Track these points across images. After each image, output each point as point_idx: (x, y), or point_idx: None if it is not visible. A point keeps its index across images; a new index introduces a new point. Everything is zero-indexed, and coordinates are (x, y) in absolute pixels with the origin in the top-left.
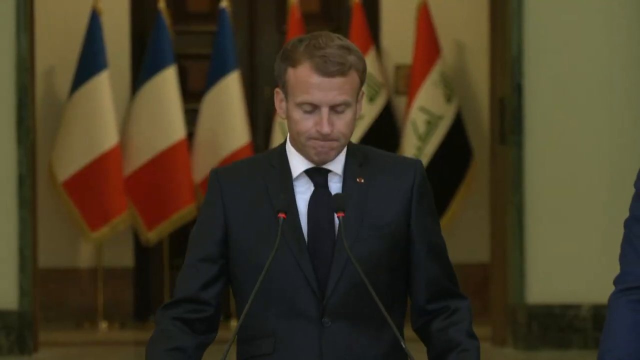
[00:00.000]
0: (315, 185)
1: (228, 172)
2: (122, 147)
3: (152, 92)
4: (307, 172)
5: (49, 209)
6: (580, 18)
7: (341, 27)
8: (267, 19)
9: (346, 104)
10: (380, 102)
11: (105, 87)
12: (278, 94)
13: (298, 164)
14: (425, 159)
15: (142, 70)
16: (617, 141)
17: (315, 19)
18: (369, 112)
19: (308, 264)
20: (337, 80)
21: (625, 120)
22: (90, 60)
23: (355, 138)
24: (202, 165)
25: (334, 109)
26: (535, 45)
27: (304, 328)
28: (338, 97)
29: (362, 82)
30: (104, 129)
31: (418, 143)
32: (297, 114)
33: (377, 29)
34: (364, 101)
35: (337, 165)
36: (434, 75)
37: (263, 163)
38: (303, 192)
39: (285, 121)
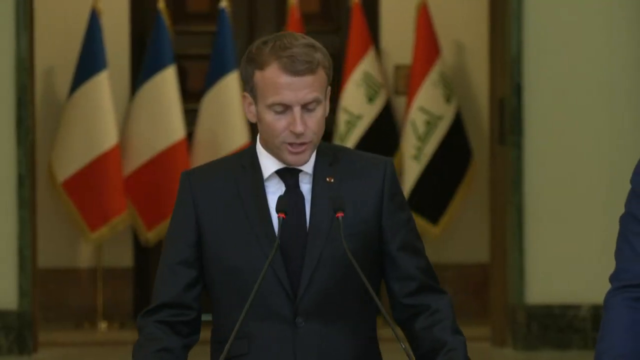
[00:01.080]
0: (286, 186)
1: (199, 173)
2: (121, 147)
3: (151, 92)
4: (278, 173)
5: (49, 209)
6: (580, 18)
7: (341, 27)
8: (267, 19)
9: (317, 102)
10: (379, 102)
11: (104, 87)
12: (246, 98)
13: (269, 164)
14: (424, 159)
15: (142, 70)
16: (617, 141)
17: (315, 19)
18: (369, 112)
19: (280, 264)
20: (307, 79)
21: (625, 120)
22: (90, 60)
23: (354, 138)
24: None
25: (305, 107)
26: (535, 45)
27: (278, 329)
28: (309, 95)
29: (329, 79)
30: (103, 129)
31: (417, 143)
32: (268, 116)
33: (377, 29)
34: (364, 101)
35: (307, 165)
36: (433, 76)
37: (234, 164)
38: (274, 193)
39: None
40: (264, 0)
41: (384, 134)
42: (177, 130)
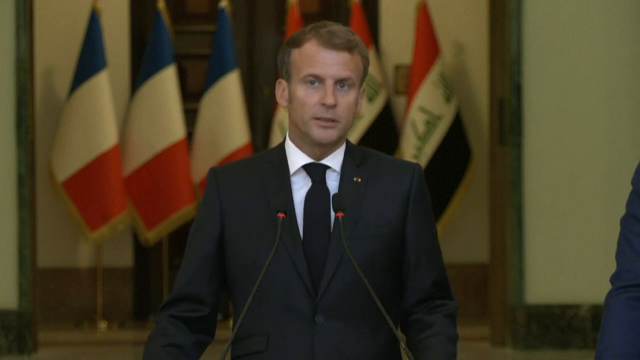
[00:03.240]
0: (312, 181)
1: (226, 170)
2: (121, 147)
3: (151, 92)
4: (305, 168)
5: (49, 209)
6: (580, 18)
7: None
8: (267, 19)
9: (351, 82)
10: (379, 102)
11: (104, 87)
12: (280, 84)
13: (297, 159)
14: (424, 159)
15: (142, 70)
16: (617, 141)
17: (315, 19)
18: (369, 112)
19: (302, 261)
20: (343, 55)
21: (625, 120)
22: (90, 60)
23: (354, 138)
24: (201, 165)
25: (339, 83)
26: (534, 45)
27: (297, 326)
28: (343, 72)
29: (365, 72)
30: (103, 129)
31: (417, 143)
32: (301, 90)
33: (377, 29)
34: (364, 101)
35: (335, 162)
36: (433, 75)
37: (261, 161)
38: (300, 188)
39: (285, 120)
40: (264, 0)
41: (383, 133)
42: (177, 130)
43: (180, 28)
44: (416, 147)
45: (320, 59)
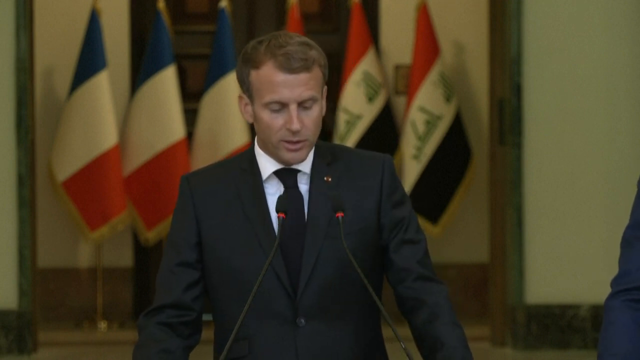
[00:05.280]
0: (285, 186)
1: (198, 177)
2: (121, 147)
3: (151, 92)
4: (277, 173)
5: (49, 209)
6: (580, 18)
7: (340, 27)
8: (267, 19)
9: (313, 100)
10: (379, 102)
11: (104, 87)
12: (242, 99)
13: (267, 165)
14: (424, 159)
15: (142, 70)
16: (617, 142)
17: (315, 19)
18: (369, 112)
19: (281, 264)
20: (302, 76)
21: (625, 120)
22: (90, 60)
23: (354, 138)
24: (201, 165)
25: (301, 105)
26: (534, 45)
27: (279, 329)
28: (305, 93)
29: (324, 78)
30: (103, 129)
31: (417, 143)
32: (265, 115)
33: (377, 29)
34: (364, 101)
35: (305, 165)
36: (433, 75)
37: (233, 166)
38: (273, 194)
39: None
40: (264, 0)
41: (383, 133)
42: (177, 130)
43: (180, 28)
44: (416, 147)
45: (280, 84)
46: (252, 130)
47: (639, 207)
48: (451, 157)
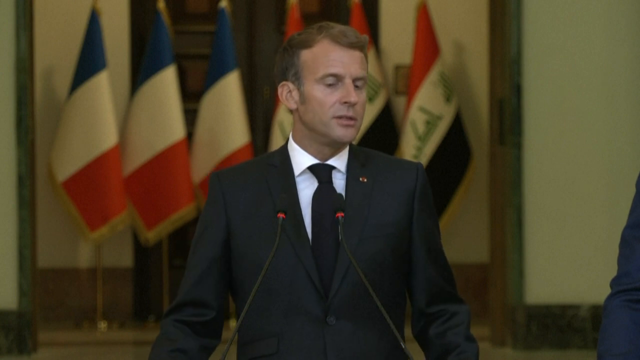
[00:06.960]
0: (319, 181)
1: (228, 174)
2: (121, 147)
3: (151, 92)
4: (311, 169)
5: (49, 209)
6: (580, 18)
7: None
8: (267, 19)
9: (365, 80)
10: (379, 102)
11: (104, 87)
12: (285, 86)
13: (302, 160)
14: (424, 159)
15: (142, 70)
16: (617, 141)
17: (315, 19)
18: (369, 112)
19: (311, 261)
20: (357, 54)
21: (625, 120)
22: (90, 60)
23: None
24: (201, 166)
25: (354, 83)
26: (534, 45)
27: (308, 327)
28: (360, 70)
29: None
30: (103, 129)
31: (417, 143)
32: (319, 91)
33: (377, 29)
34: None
35: (340, 163)
36: (433, 76)
37: (263, 164)
38: (305, 188)
39: (285, 120)
40: (264, 0)
41: (384, 133)
42: (177, 130)
43: (180, 28)
44: (416, 147)
45: (337, 58)
46: (252, 130)
47: (638, 208)
48: (451, 157)
